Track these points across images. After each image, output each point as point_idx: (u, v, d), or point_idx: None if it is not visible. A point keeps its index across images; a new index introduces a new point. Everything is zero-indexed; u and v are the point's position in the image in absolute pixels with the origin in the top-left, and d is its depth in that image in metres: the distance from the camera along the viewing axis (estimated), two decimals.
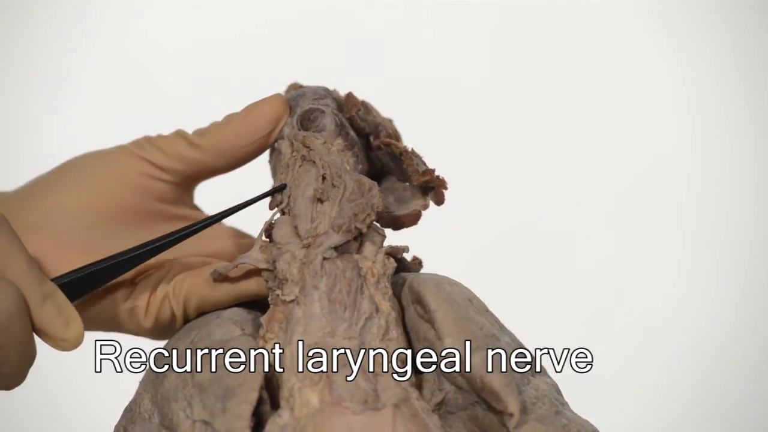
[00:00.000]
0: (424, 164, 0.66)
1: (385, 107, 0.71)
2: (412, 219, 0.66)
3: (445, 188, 0.65)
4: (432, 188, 0.66)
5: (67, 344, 0.60)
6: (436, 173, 0.65)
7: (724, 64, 1.30)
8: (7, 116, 1.29)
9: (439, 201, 0.66)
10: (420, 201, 0.66)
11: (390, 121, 0.70)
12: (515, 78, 1.32)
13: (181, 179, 0.67)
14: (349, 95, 0.67)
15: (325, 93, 0.68)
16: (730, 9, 1.29)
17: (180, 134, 0.66)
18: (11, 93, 1.29)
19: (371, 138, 0.68)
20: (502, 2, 1.32)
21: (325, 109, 0.65)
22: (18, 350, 0.58)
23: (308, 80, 0.71)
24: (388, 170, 0.68)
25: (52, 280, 0.60)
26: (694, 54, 1.31)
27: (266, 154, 0.68)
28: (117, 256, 0.62)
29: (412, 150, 0.66)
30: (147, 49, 1.31)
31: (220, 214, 0.64)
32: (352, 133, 0.66)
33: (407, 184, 0.67)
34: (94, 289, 0.62)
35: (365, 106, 0.69)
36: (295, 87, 0.71)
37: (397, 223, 0.66)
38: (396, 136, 0.69)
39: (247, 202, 0.65)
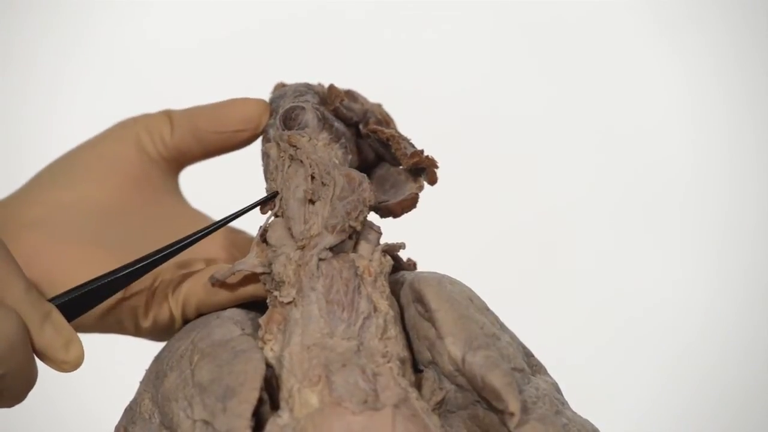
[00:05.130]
0: (412, 146, 0.65)
1: (385, 106, 0.71)
2: (410, 204, 0.66)
3: (436, 167, 0.65)
4: (423, 169, 0.66)
5: (68, 366, 0.59)
6: (425, 153, 0.65)
7: (724, 63, 1.30)
8: (8, 116, 1.29)
9: (432, 181, 0.65)
10: (414, 184, 0.66)
11: (379, 105, 0.70)
12: (516, 78, 1.32)
13: (167, 161, 0.67)
14: (331, 87, 0.67)
15: (305, 89, 0.68)
16: (731, 8, 1.29)
17: (165, 113, 0.67)
18: (11, 93, 1.29)
19: (361, 126, 0.68)
20: (503, 2, 1.32)
21: (305, 105, 0.65)
22: (21, 376, 0.58)
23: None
24: (381, 157, 0.68)
25: (50, 300, 0.60)
26: (694, 53, 1.31)
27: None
28: (113, 273, 0.61)
29: (399, 134, 0.66)
30: (146, 50, 1.31)
31: (215, 224, 0.64)
32: (336, 124, 0.66)
33: (400, 168, 0.67)
34: (92, 307, 0.61)
35: (351, 95, 0.69)
36: (281, 86, 0.70)
37: (396, 211, 0.66)
38: (386, 121, 0.69)
39: (240, 211, 0.65)
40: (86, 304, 0.61)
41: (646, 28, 1.32)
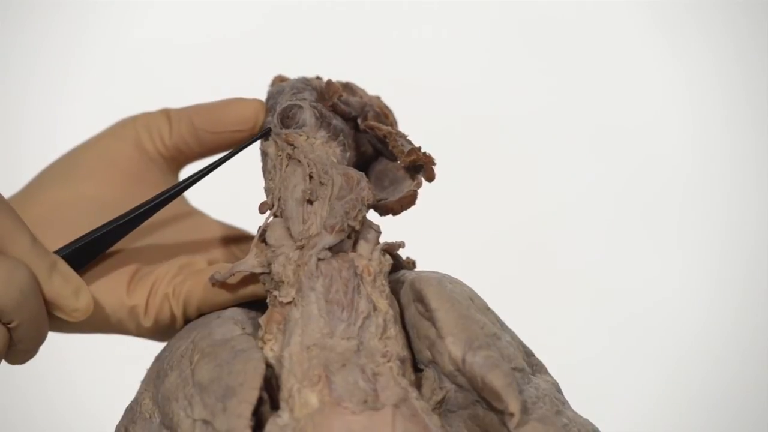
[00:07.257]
0: (410, 143, 0.65)
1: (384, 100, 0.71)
2: (409, 201, 0.66)
3: (434, 164, 0.65)
4: (422, 166, 0.65)
5: (78, 313, 0.60)
6: (423, 150, 0.65)
7: (723, 61, 1.30)
8: (9, 114, 1.29)
9: (430, 177, 0.65)
10: (412, 181, 0.66)
11: (377, 98, 0.70)
12: (514, 76, 1.32)
13: (166, 160, 0.68)
14: (329, 83, 0.67)
15: (303, 86, 0.67)
16: (730, 6, 1.29)
17: (164, 112, 0.68)
18: (11, 93, 1.29)
19: (359, 120, 0.68)
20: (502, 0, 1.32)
21: (303, 103, 0.65)
22: (34, 326, 0.59)
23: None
24: (379, 152, 0.68)
25: (54, 252, 0.61)
26: (693, 51, 1.31)
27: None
28: (113, 222, 0.63)
29: (396, 131, 0.66)
30: (147, 48, 1.31)
31: (209, 166, 0.65)
32: (335, 121, 0.65)
33: (399, 163, 0.66)
34: (94, 258, 0.63)
35: (349, 89, 0.69)
36: (279, 80, 0.70)
37: (396, 209, 0.66)
38: (384, 113, 0.69)
39: (231, 152, 0.65)
40: (88, 255, 0.62)
41: (644, 25, 1.32)
